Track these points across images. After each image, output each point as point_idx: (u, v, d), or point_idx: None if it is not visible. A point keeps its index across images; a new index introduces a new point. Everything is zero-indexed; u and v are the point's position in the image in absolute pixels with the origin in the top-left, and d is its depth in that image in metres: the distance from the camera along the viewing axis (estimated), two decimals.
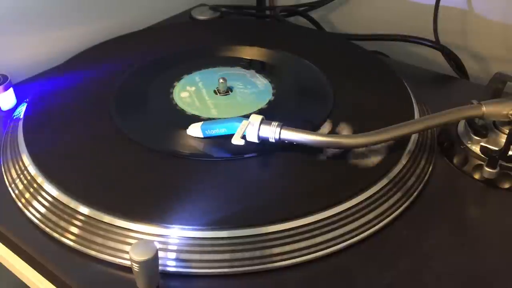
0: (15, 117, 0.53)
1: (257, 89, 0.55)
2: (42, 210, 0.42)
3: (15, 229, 0.42)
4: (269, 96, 0.53)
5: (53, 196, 0.42)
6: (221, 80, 0.54)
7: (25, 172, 0.45)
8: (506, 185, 0.44)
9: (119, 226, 0.39)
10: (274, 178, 0.43)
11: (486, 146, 0.44)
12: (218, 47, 0.62)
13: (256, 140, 0.44)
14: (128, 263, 0.36)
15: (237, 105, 0.52)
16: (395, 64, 0.62)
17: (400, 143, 0.46)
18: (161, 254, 0.36)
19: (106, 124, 0.49)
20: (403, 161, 0.45)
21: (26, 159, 0.45)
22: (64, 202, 0.41)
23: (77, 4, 0.66)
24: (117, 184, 0.42)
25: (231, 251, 0.37)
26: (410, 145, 0.46)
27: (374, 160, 0.44)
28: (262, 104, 0.52)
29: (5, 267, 0.43)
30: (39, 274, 0.40)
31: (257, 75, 0.57)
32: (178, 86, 0.55)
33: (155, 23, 0.75)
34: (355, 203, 0.40)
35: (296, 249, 0.38)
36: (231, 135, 0.43)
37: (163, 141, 0.47)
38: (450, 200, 0.44)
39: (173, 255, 0.37)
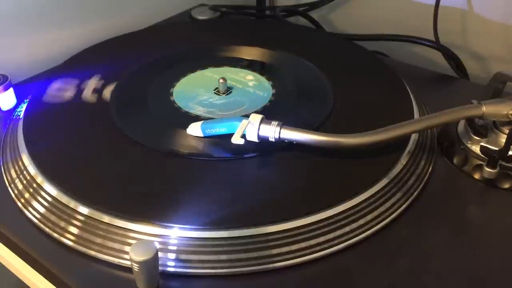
0: (15, 117, 0.53)
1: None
2: (42, 210, 0.42)
3: (14, 229, 0.42)
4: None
5: (53, 196, 0.42)
6: (221, 80, 0.54)
7: (25, 172, 0.45)
8: (506, 185, 0.44)
9: (119, 226, 0.39)
10: (274, 178, 0.43)
11: (486, 146, 0.44)
12: (218, 47, 0.62)
13: (256, 140, 0.44)
14: (128, 263, 0.36)
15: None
16: (395, 64, 0.62)
17: (400, 143, 0.46)
18: (161, 254, 0.36)
19: (106, 124, 0.49)
20: (403, 161, 0.45)
21: (26, 159, 0.45)
22: (64, 202, 0.41)
23: (77, 4, 0.66)
24: (117, 184, 0.42)
25: (231, 251, 0.37)
26: (410, 145, 0.46)
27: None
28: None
29: (5, 267, 0.43)
30: (39, 274, 0.40)
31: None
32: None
33: (155, 23, 0.75)
34: (355, 203, 0.40)
35: (296, 249, 0.38)
36: (231, 135, 0.43)
37: (163, 140, 0.47)
38: (450, 200, 0.44)
39: (173, 255, 0.37)
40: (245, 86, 0.55)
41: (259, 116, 0.44)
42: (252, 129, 0.43)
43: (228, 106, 0.52)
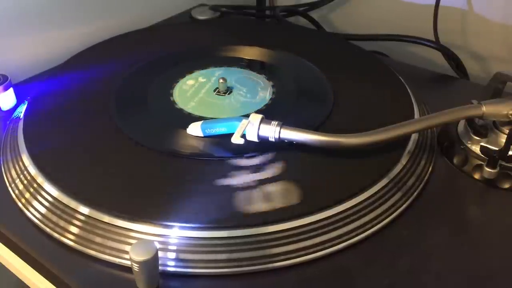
0: (15, 117, 0.53)
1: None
2: (42, 210, 0.42)
3: (15, 229, 0.42)
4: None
5: (53, 196, 0.42)
6: (221, 80, 0.54)
7: (25, 172, 0.45)
8: (506, 185, 0.44)
9: (119, 226, 0.39)
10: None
11: (486, 146, 0.44)
12: (218, 47, 0.62)
13: (256, 139, 0.44)
14: (128, 263, 0.36)
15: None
16: (395, 64, 0.62)
17: (400, 143, 0.46)
18: (161, 254, 0.36)
19: (106, 124, 0.49)
20: (403, 161, 0.45)
21: (26, 159, 0.45)
22: (64, 202, 0.41)
23: (77, 4, 0.66)
24: (117, 184, 0.42)
25: (231, 251, 0.37)
26: (410, 145, 0.46)
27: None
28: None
29: (5, 267, 0.43)
30: (39, 274, 0.40)
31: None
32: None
33: (155, 23, 0.75)
34: (355, 203, 0.40)
35: (296, 249, 0.38)
36: (231, 134, 0.43)
37: (163, 140, 0.47)
38: (450, 200, 0.44)
39: (173, 255, 0.37)
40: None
41: (259, 116, 0.44)
42: (252, 129, 0.44)
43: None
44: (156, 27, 0.73)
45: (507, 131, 0.43)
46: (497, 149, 0.44)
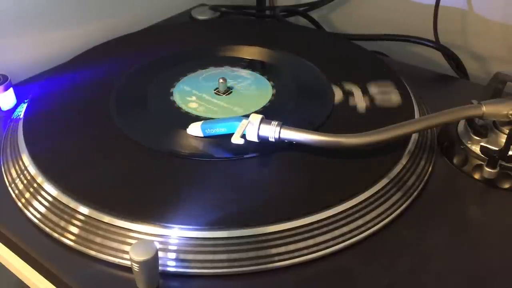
0: (15, 117, 0.53)
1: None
2: (42, 210, 0.42)
3: (15, 229, 0.42)
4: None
5: (53, 196, 0.42)
6: (221, 80, 0.54)
7: (25, 172, 0.45)
8: (506, 185, 0.44)
9: (119, 226, 0.39)
10: (274, 178, 0.43)
11: (486, 146, 0.44)
12: (218, 47, 0.62)
13: (256, 140, 0.44)
14: (128, 263, 0.36)
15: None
16: (395, 64, 0.62)
17: (400, 143, 0.46)
18: (161, 254, 0.36)
19: (106, 124, 0.49)
20: (403, 161, 0.45)
21: (26, 159, 0.45)
22: (64, 202, 0.41)
23: (77, 4, 0.66)
24: (117, 184, 0.42)
25: (231, 251, 0.37)
26: (410, 145, 0.46)
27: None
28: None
29: (5, 267, 0.43)
30: (39, 274, 0.40)
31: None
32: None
33: (155, 23, 0.75)
34: (355, 203, 0.40)
35: (296, 249, 0.38)
36: (231, 135, 0.43)
37: (163, 140, 0.47)
38: (450, 200, 0.44)
39: (173, 255, 0.37)
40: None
41: (259, 116, 0.44)
42: (252, 129, 0.44)
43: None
44: (156, 27, 0.73)
45: (507, 131, 0.43)
46: (497, 149, 0.44)
